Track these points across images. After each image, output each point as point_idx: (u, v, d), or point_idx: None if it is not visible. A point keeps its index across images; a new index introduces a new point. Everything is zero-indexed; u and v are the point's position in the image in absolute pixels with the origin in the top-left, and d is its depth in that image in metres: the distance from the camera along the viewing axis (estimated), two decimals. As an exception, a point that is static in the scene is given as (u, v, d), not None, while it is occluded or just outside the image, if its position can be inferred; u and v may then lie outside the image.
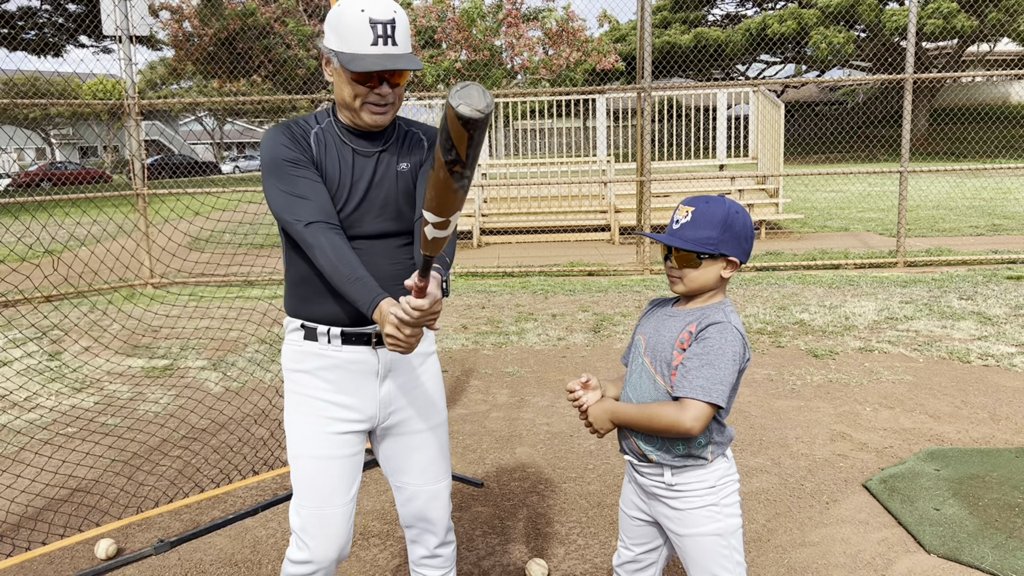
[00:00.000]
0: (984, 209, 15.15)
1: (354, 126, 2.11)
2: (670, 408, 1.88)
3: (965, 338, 6.10)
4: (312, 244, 1.99)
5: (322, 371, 2.14)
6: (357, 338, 2.14)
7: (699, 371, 1.85)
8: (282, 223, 2.06)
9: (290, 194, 2.02)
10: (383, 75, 2.01)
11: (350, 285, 1.94)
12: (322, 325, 2.13)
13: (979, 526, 3.23)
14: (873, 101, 38.35)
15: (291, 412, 2.17)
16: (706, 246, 1.91)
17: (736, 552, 1.99)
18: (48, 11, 31.46)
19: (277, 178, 2.04)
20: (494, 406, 4.97)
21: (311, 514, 2.11)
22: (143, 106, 9.21)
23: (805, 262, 9.76)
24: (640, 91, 9.18)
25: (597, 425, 2.02)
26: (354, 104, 2.05)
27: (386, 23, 1.98)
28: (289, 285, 2.19)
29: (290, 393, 2.18)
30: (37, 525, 3.48)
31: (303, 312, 2.15)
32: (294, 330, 2.18)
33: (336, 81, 2.06)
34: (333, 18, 2.00)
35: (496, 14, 22.62)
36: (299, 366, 2.16)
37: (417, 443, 2.25)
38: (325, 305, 2.12)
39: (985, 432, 4.28)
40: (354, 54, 1.98)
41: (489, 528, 3.40)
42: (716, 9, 38.70)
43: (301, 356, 2.16)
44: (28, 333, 6.99)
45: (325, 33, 2.05)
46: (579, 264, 10.17)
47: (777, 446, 4.20)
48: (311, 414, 2.14)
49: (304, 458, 2.13)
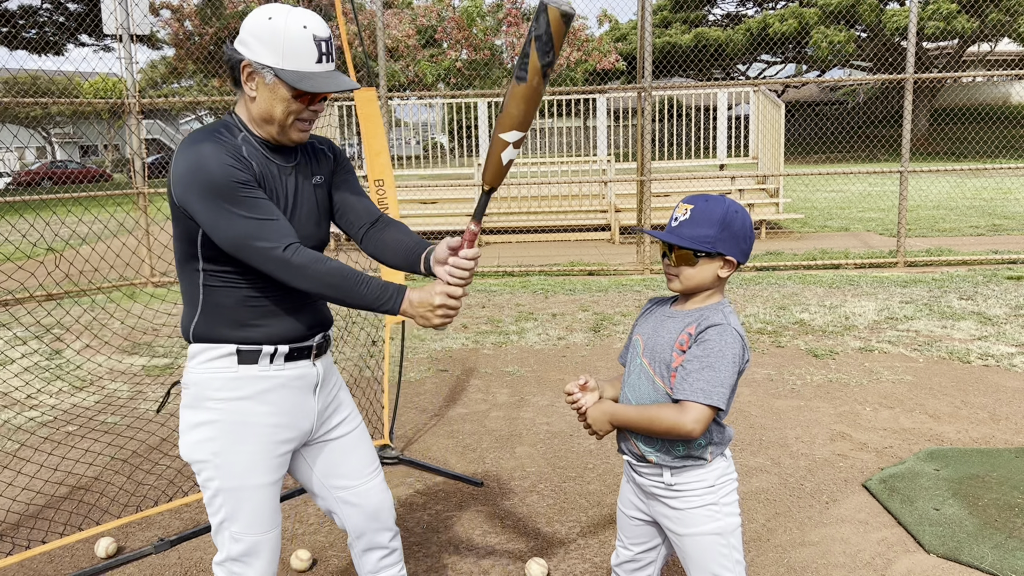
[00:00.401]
0: (984, 209, 15.15)
1: (274, 141, 2.04)
2: (670, 411, 1.88)
3: (965, 338, 6.10)
4: (301, 264, 1.91)
5: (263, 394, 2.05)
6: (299, 353, 2.10)
7: (699, 373, 1.85)
8: (247, 251, 1.91)
9: (257, 219, 1.90)
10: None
11: (364, 289, 1.96)
12: (267, 345, 2.04)
13: (979, 526, 3.23)
14: (874, 101, 38.34)
15: (228, 444, 2.03)
16: (703, 244, 1.91)
17: (735, 551, 1.99)
18: (49, 10, 31.45)
19: (232, 203, 1.89)
20: (494, 405, 4.97)
21: (257, 540, 2.09)
22: (144, 105, 9.21)
23: (805, 262, 9.77)
24: (640, 91, 9.18)
25: (596, 427, 2.02)
26: (286, 121, 1.99)
27: (327, 40, 1.99)
28: (210, 311, 2.02)
29: (223, 424, 2.03)
30: (37, 523, 3.48)
31: (238, 336, 2.02)
32: (222, 356, 2.02)
33: (265, 96, 1.96)
34: (267, 32, 1.92)
35: (496, 13, 22.62)
36: (235, 393, 2.03)
37: (351, 443, 2.26)
38: (271, 324, 2.05)
39: (985, 432, 4.28)
40: (301, 72, 1.94)
41: (489, 527, 3.40)
42: (717, 9, 38.68)
43: (237, 383, 2.03)
44: (29, 331, 7.00)
45: (249, 45, 1.94)
46: (579, 264, 10.17)
47: (777, 446, 4.20)
48: (255, 443, 2.05)
49: (248, 489, 2.05)
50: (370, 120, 3.91)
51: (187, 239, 1.99)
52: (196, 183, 1.88)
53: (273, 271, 1.93)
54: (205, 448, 2.04)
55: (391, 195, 3.94)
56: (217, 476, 2.04)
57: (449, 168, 15.48)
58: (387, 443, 4.21)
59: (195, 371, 2.05)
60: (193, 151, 1.90)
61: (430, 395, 5.21)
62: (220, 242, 1.92)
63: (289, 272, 1.92)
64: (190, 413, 2.07)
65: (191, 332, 2.05)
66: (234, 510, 2.06)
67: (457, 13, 21.94)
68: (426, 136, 21.68)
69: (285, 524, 3.49)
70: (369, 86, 3.96)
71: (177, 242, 2.03)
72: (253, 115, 2.01)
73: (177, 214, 1.97)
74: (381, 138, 3.94)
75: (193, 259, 2.01)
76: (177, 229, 2.01)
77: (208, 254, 1.99)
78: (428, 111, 20.04)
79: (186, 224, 1.97)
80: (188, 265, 2.03)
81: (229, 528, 2.07)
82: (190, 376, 2.06)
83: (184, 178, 1.90)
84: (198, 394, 2.05)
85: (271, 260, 1.91)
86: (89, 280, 8.47)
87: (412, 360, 6.03)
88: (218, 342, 2.02)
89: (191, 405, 2.06)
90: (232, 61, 1.98)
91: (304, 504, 3.67)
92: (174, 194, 1.94)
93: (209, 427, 2.03)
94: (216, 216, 1.89)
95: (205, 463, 2.04)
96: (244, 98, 2.01)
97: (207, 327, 2.03)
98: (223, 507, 2.06)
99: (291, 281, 1.94)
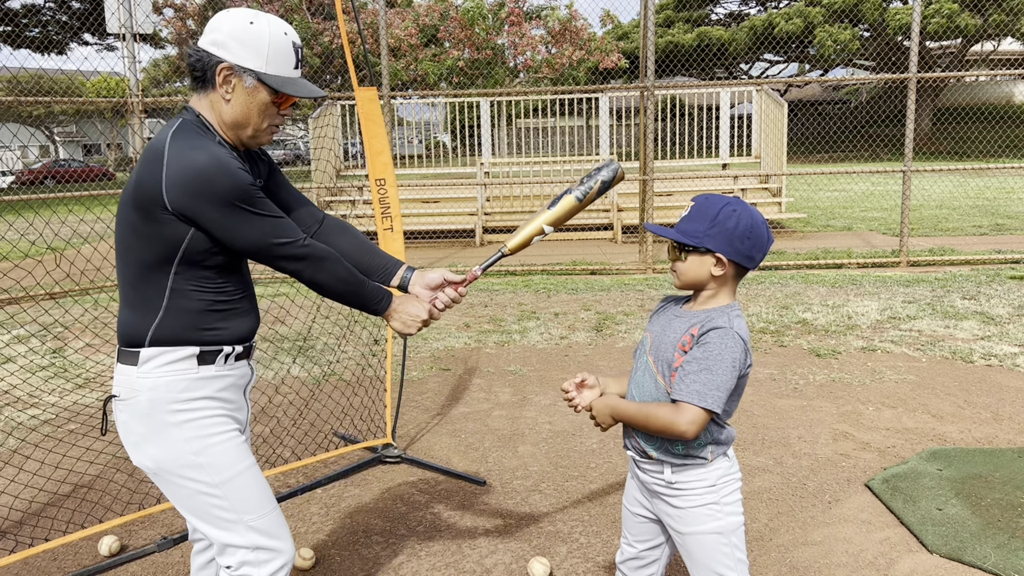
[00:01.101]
0: (987, 209, 15.13)
1: (241, 145, 2.07)
2: (666, 410, 1.89)
3: (968, 338, 6.09)
4: (321, 257, 2.01)
5: (221, 392, 2.06)
6: (245, 352, 2.13)
7: (696, 375, 1.85)
8: (269, 251, 1.95)
9: (273, 217, 1.96)
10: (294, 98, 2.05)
11: (366, 287, 2.10)
12: (227, 346, 2.05)
13: (982, 526, 3.22)
14: (876, 100, 38.29)
15: (205, 440, 2.00)
16: (689, 238, 1.93)
17: (737, 550, 1.99)
18: (52, 8, 31.49)
19: (252, 205, 1.92)
20: (496, 404, 4.97)
21: (271, 517, 2.08)
22: (146, 104, 9.22)
23: (808, 261, 9.75)
24: (643, 90, 9.17)
25: (600, 419, 2.05)
26: (261, 125, 2.03)
27: (301, 48, 2.07)
28: (174, 315, 1.97)
29: (194, 423, 2.00)
30: (40, 521, 3.49)
31: (201, 338, 2.00)
32: (182, 359, 1.98)
33: (242, 100, 1.98)
34: (251, 36, 1.94)
35: (498, 13, 22.61)
36: (196, 394, 2.00)
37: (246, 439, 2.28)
38: (231, 326, 2.06)
39: (988, 432, 4.27)
40: (284, 77, 2.00)
41: (491, 526, 3.40)
42: (719, 7, 38.63)
43: (197, 384, 2.00)
44: (31, 329, 7.00)
45: (229, 48, 1.95)
46: (582, 263, 10.17)
47: (779, 445, 4.19)
48: (228, 431, 2.05)
49: (243, 473, 2.04)
50: (371, 119, 3.91)
51: (166, 243, 1.91)
52: (212, 190, 1.85)
53: (293, 267, 1.99)
54: (181, 451, 1.98)
55: (392, 194, 3.94)
56: (206, 475, 2.00)
57: (451, 167, 15.48)
58: (390, 442, 4.21)
59: (148, 376, 1.96)
60: (200, 156, 1.86)
61: (432, 394, 5.21)
62: (239, 246, 1.94)
63: (311, 266, 1.99)
64: (144, 422, 1.98)
65: (148, 337, 1.96)
66: (240, 498, 2.02)
67: (459, 13, 21.93)
68: (428, 135, 21.69)
69: (288, 523, 3.49)
70: (370, 85, 3.96)
71: (144, 245, 1.93)
72: (224, 119, 2.00)
73: (154, 217, 1.88)
74: (382, 137, 3.94)
75: (166, 263, 1.93)
76: (147, 232, 1.91)
77: (191, 258, 1.94)
78: (431, 110, 20.06)
79: (172, 229, 1.89)
80: (155, 270, 1.95)
81: (243, 519, 2.02)
82: (140, 382, 1.97)
83: (192, 184, 1.84)
84: (155, 399, 1.97)
85: (293, 256, 1.97)
86: (91, 280, 8.48)
87: (414, 359, 6.04)
88: (180, 345, 1.97)
89: (147, 413, 1.97)
90: (203, 63, 1.96)
91: (307, 503, 3.68)
92: (168, 199, 1.85)
93: (178, 429, 1.98)
94: (236, 221, 1.89)
95: (185, 467, 1.99)
96: (209, 101, 2.00)
97: (169, 331, 1.96)
98: (225, 501, 2.01)
99: (310, 274, 2.00)
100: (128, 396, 1.98)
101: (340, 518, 3.52)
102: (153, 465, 2.01)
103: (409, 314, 2.18)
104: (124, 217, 1.95)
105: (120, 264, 2.00)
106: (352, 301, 2.12)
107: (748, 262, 1.94)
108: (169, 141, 1.90)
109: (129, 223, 1.94)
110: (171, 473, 2.00)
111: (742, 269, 1.96)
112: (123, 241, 1.97)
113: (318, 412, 4.84)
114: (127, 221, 1.94)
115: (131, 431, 2.01)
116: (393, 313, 2.18)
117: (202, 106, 2.01)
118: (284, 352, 6.17)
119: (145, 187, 1.88)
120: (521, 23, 22.31)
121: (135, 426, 2.00)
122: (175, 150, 1.87)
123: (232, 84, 1.96)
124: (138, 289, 1.97)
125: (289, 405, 5.00)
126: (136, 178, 1.91)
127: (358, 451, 4.26)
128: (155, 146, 1.91)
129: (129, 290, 1.99)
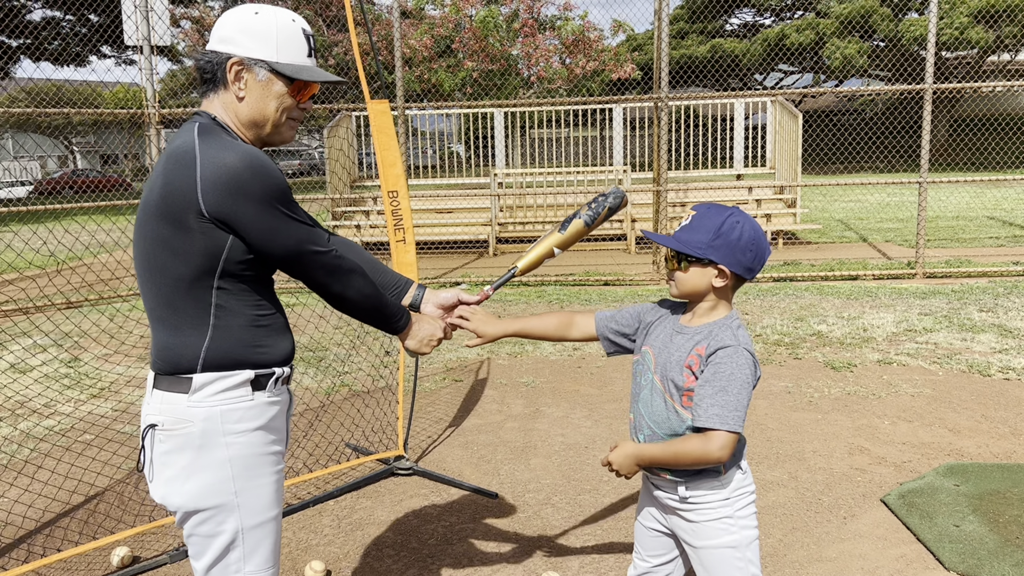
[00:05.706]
0: (1005, 220, 14.99)
1: (262, 145, 1.97)
2: (694, 443, 1.87)
3: (985, 351, 6.03)
4: (350, 269, 1.94)
5: (272, 421, 1.93)
6: (290, 375, 2.00)
7: (714, 398, 1.84)
8: (302, 258, 1.86)
9: (308, 223, 1.88)
10: (313, 88, 1.96)
11: (388, 304, 2.08)
12: (278, 368, 1.92)
13: (999, 543, 3.18)
14: (892, 111, 38.10)
15: (248, 480, 1.86)
16: (693, 249, 1.91)
17: (751, 564, 1.97)
18: (71, 21, 31.86)
19: (290, 207, 1.82)
20: (509, 416, 4.96)
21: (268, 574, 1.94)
22: (163, 115, 9.30)
23: (823, 273, 9.69)
24: (657, 101, 9.17)
25: (624, 471, 1.98)
26: (280, 119, 1.93)
27: (312, 35, 1.99)
28: (223, 334, 1.83)
29: (241, 459, 1.85)
30: (53, 531, 3.50)
31: (255, 359, 1.86)
32: (239, 384, 1.84)
33: (256, 94, 1.89)
34: (258, 26, 1.87)
35: (512, 23, 22.71)
36: (251, 424, 1.86)
37: None
38: (278, 343, 1.92)
39: (1006, 447, 4.22)
40: (298, 65, 1.91)
41: (503, 540, 3.39)
42: (734, 19, 38.62)
43: (251, 413, 1.87)
44: (47, 340, 7.06)
45: (237, 42, 1.87)
46: (595, 273, 10.15)
47: (794, 459, 4.16)
48: (270, 473, 1.92)
49: (268, 523, 1.92)
50: (383, 132, 3.93)
51: (205, 254, 1.77)
52: (253, 189, 1.75)
53: (324, 279, 1.91)
54: (222, 490, 1.83)
55: (405, 206, 3.95)
56: (234, 518, 1.85)
57: (465, 177, 15.51)
58: (401, 454, 4.21)
59: (200, 405, 1.81)
60: (235, 154, 1.75)
61: (445, 406, 5.21)
62: (277, 254, 1.83)
63: (341, 279, 1.93)
64: (191, 455, 1.82)
65: (200, 361, 1.81)
66: (252, 549, 1.89)
67: (473, 24, 22.03)
68: (442, 145, 21.76)
69: (300, 535, 3.50)
70: (383, 98, 3.97)
71: (180, 260, 1.77)
72: (240, 119, 1.91)
73: (189, 227, 1.74)
74: (394, 150, 3.96)
75: (207, 277, 1.79)
76: (182, 246, 1.76)
77: (231, 270, 1.80)
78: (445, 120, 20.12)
79: (210, 238, 1.75)
80: (195, 286, 1.79)
81: (243, 569, 1.89)
82: (193, 412, 1.81)
83: (231, 184, 1.72)
84: (208, 431, 1.81)
85: (325, 267, 1.89)
86: (109, 290, 8.54)
87: (427, 370, 6.03)
88: (234, 368, 1.83)
89: (197, 446, 1.82)
90: (212, 63, 1.88)
91: (319, 515, 3.67)
92: (204, 203, 1.72)
93: (226, 466, 1.83)
94: (276, 223, 1.79)
95: (218, 508, 1.84)
96: (222, 102, 1.90)
97: (221, 352, 1.82)
98: (235, 549, 1.87)
99: (339, 288, 1.94)
100: (174, 427, 1.82)
101: (351, 530, 3.52)
102: (183, 502, 1.84)
103: (425, 333, 2.19)
104: (151, 232, 1.79)
105: (149, 284, 1.84)
106: (373, 318, 2.05)
107: (748, 274, 1.94)
108: (198, 142, 1.76)
109: (159, 238, 1.78)
110: (201, 512, 1.85)
111: (741, 280, 1.95)
112: (153, 259, 1.80)
113: (329, 423, 4.84)
114: (156, 236, 1.78)
115: (171, 464, 1.84)
116: (408, 332, 2.16)
117: (215, 108, 1.90)
118: (295, 362, 6.19)
119: (177, 194, 1.73)
120: (535, 34, 22.39)
121: (178, 459, 1.83)
122: (207, 150, 1.74)
123: (244, 80, 1.87)
124: (178, 310, 1.81)
125: (300, 416, 5.00)
126: (163, 186, 1.76)
127: (370, 463, 4.25)
128: (182, 149, 1.76)
129: (165, 311, 1.82)
